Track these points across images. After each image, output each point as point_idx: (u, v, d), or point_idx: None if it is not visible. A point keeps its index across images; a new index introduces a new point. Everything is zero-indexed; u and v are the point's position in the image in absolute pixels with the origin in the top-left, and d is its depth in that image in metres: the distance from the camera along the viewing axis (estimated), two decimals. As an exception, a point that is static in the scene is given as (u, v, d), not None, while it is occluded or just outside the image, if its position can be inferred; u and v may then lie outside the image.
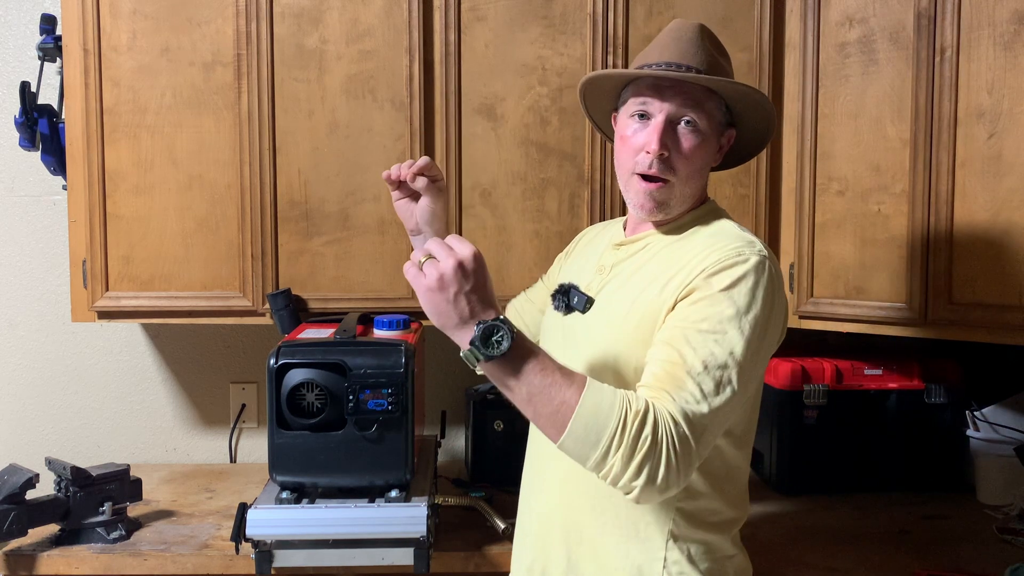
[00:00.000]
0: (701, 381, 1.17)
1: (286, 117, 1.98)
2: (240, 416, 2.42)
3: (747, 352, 1.20)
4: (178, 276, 2.00)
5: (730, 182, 2.01)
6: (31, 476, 1.73)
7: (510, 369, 1.12)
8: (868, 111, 1.86)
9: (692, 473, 1.16)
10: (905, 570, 1.70)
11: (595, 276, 1.42)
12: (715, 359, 1.18)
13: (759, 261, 1.25)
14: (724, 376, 1.18)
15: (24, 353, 2.41)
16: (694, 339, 1.19)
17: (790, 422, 2.12)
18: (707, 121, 1.33)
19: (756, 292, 1.23)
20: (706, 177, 1.39)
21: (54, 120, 2.03)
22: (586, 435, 1.11)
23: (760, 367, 1.27)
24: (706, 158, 1.35)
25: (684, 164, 1.32)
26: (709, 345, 1.19)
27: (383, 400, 1.63)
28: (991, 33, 1.67)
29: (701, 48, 1.34)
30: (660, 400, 1.15)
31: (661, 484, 1.11)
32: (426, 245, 1.14)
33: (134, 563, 1.75)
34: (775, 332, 1.29)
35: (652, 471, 1.10)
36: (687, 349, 1.19)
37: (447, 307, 1.11)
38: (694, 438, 1.13)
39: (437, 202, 1.51)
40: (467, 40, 1.99)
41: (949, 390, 2.12)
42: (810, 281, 1.97)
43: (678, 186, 1.33)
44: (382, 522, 1.66)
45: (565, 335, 1.41)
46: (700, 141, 1.32)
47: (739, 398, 1.20)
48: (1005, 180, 1.66)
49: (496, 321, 1.10)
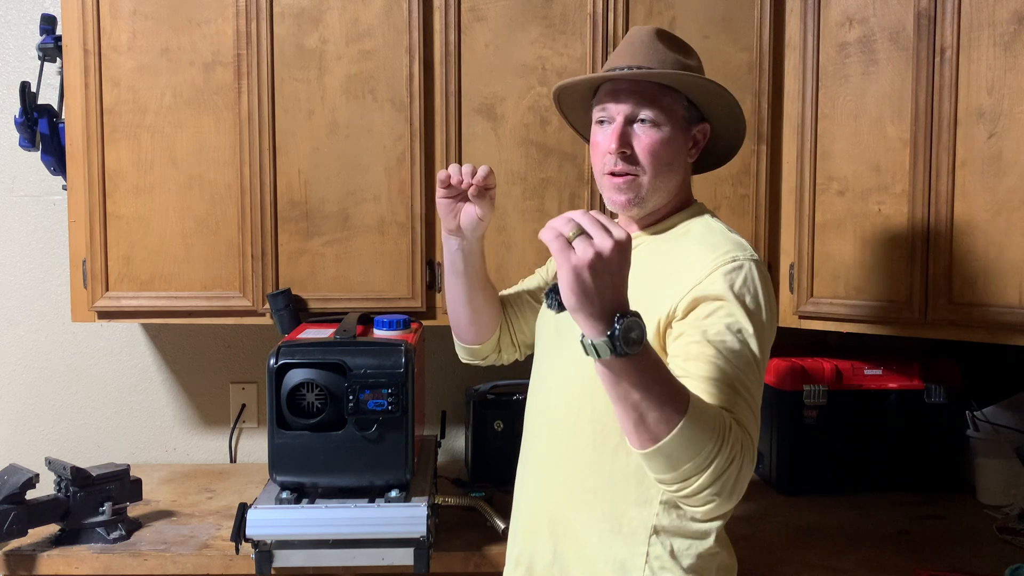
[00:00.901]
0: (746, 395, 1.20)
1: (286, 117, 1.98)
2: (240, 416, 2.42)
3: (763, 355, 1.25)
4: (178, 276, 2.00)
5: (730, 182, 2.01)
6: (31, 476, 1.73)
7: (634, 369, 1.04)
8: (868, 111, 1.86)
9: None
10: (905, 570, 1.70)
11: None
12: (747, 369, 1.22)
13: (754, 264, 1.30)
14: (755, 381, 1.23)
15: (24, 353, 2.41)
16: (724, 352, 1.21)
17: (790, 422, 2.12)
18: (666, 116, 1.36)
19: (758, 295, 1.27)
20: (681, 173, 1.40)
21: (54, 120, 2.03)
22: (687, 446, 1.08)
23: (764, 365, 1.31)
24: (673, 152, 1.37)
25: (647, 158, 1.35)
26: (740, 356, 1.22)
27: (383, 400, 1.63)
28: (991, 33, 1.67)
29: (654, 49, 1.37)
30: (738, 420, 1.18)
31: (735, 499, 1.15)
32: (574, 217, 1.03)
33: (134, 563, 1.75)
34: (773, 332, 1.33)
35: (731, 490, 1.12)
36: (724, 364, 1.20)
37: (594, 290, 1.01)
38: (753, 458, 1.17)
39: (487, 210, 1.50)
40: (467, 40, 1.99)
41: (949, 390, 2.12)
42: (810, 281, 1.97)
43: (645, 179, 1.36)
44: (382, 522, 1.66)
45: (558, 333, 1.43)
46: (661, 136, 1.35)
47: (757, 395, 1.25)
48: (1005, 180, 1.66)
49: (637, 317, 1.02)
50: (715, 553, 1.35)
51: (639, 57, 1.37)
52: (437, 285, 2.02)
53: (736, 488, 1.13)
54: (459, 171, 1.47)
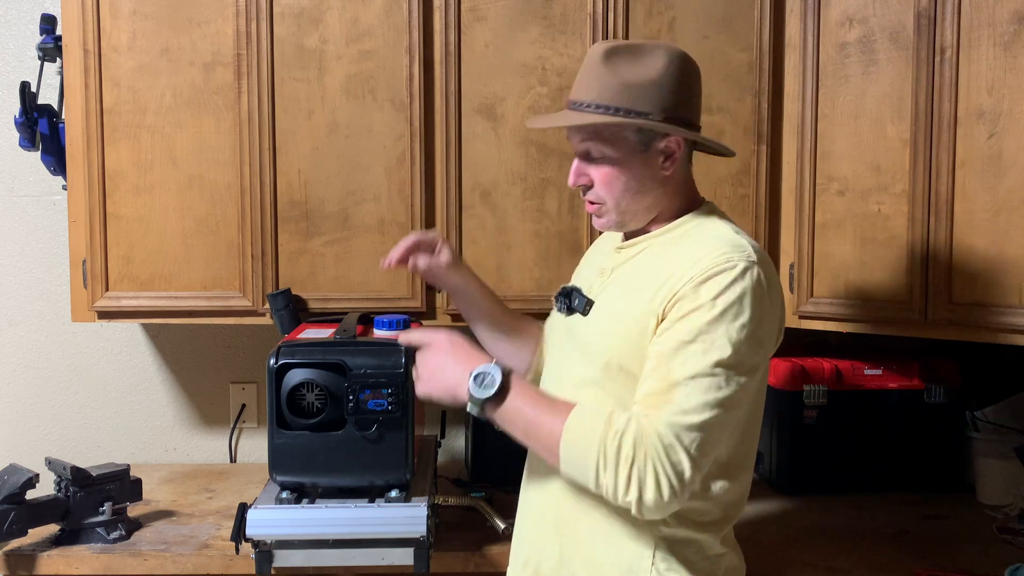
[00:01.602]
0: (689, 393, 1.20)
1: (286, 117, 1.98)
2: (240, 416, 2.42)
3: (736, 358, 1.22)
4: (178, 276, 2.00)
5: (730, 182, 2.01)
6: (31, 476, 1.73)
7: (504, 408, 1.26)
8: (868, 111, 1.86)
9: (694, 482, 1.20)
10: (905, 570, 1.70)
11: (597, 278, 1.44)
12: (702, 369, 1.20)
13: (746, 267, 1.25)
14: (713, 384, 1.20)
15: (24, 353, 2.41)
16: (682, 352, 1.22)
17: (790, 422, 2.12)
18: (612, 147, 1.33)
19: (744, 298, 1.23)
20: (659, 188, 1.36)
21: (54, 120, 2.03)
22: (575, 460, 1.21)
23: (755, 373, 1.27)
24: (631, 176, 1.34)
25: (603, 190, 1.36)
26: (696, 356, 1.21)
27: (383, 400, 1.63)
28: (991, 33, 1.67)
29: (597, 76, 1.32)
30: (649, 416, 1.19)
31: (655, 497, 1.17)
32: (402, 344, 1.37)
33: (134, 563, 1.75)
34: (769, 336, 1.29)
35: (640, 486, 1.17)
36: (675, 363, 1.22)
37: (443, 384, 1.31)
38: (684, 449, 1.18)
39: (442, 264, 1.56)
40: (467, 40, 1.99)
41: (949, 390, 2.12)
42: (810, 281, 1.97)
43: (611, 209, 1.37)
44: (382, 522, 1.66)
45: (566, 336, 1.43)
46: (611, 169, 1.34)
47: (735, 404, 1.22)
48: (1005, 180, 1.66)
49: (483, 368, 1.26)
50: (722, 554, 1.35)
51: (582, 89, 1.34)
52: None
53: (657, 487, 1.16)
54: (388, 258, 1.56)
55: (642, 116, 1.30)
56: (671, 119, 1.32)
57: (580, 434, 1.21)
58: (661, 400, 1.21)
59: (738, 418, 1.26)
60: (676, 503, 1.19)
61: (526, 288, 2.01)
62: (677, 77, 1.33)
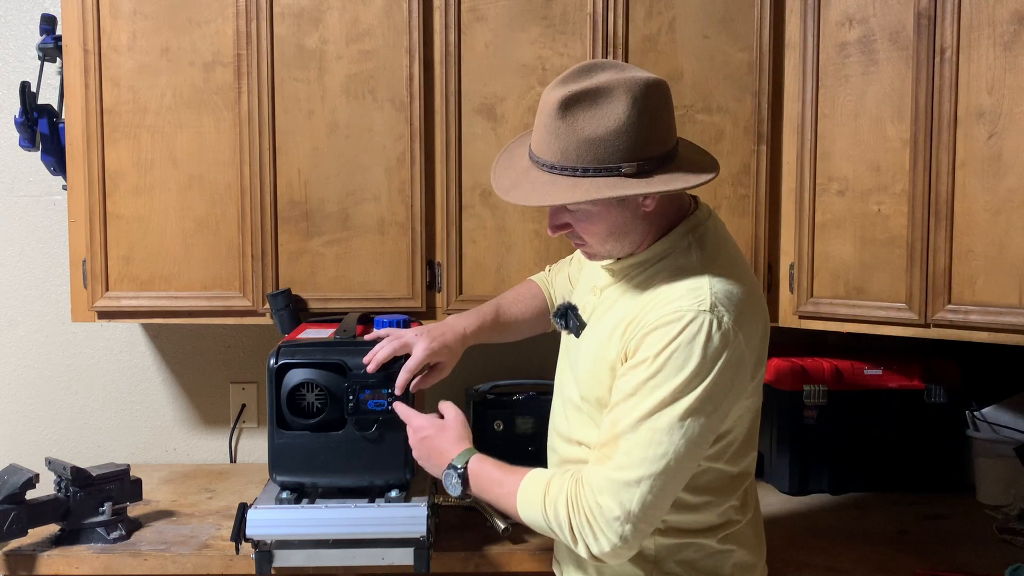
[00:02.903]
0: (628, 448, 1.22)
1: (286, 117, 1.98)
2: (240, 416, 2.42)
3: (680, 409, 1.21)
4: (178, 276, 2.00)
5: (730, 182, 2.01)
6: (31, 476, 1.73)
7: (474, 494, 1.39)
8: (868, 111, 1.86)
9: (642, 531, 1.23)
10: (905, 570, 1.70)
11: (589, 296, 1.46)
12: (640, 424, 1.22)
13: (693, 316, 1.22)
14: (652, 439, 1.21)
15: (24, 353, 2.41)
16: (624, 405, 1.24)
17: (790, 422, 2.12)
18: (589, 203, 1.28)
19: (687, 348, 1.21)
20: (642, 222, 1.32)
21: (54, 120, 2.03)
22: (538, 528, 1.31)
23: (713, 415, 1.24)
24: (613, 220, 1.30)
25: (588, 236, 1.34)
26: (635, 411, 1.23)
27: (383, 400, 1.63)
28: (991, 33, 1.67)
29: (556, 134, 1.25)
30: (590, 472, 1.25)
31: (603, 551, 1.22)
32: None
33: (134, 563, 1.75)
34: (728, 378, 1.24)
35: (585, 542, 1.23)
36: (619, 414, 1.25)
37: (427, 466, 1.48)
38: (620, 506, 1.20)
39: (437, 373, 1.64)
40: (467, 40, 1.99)
41: (949, 390, 2.12)
42: (810, 281, 1.96)
43: (597, 247, 1.36)
44: (382, 522, 1.66)
45: (566, 352, 1.50)
46: (590, 221, 1.31)
47: (684, 452, 1.22)
48: (1005, 180, 1.66)
49: (445, 473, 1.39)
50: (727, 551, 1.37)
51: (542, 146, 1.27)
52: (437, 285, 2.02)
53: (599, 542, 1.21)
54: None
55: (611, 173, 1.23)
56: (643, 164, 1.24)
57: (528, 507, 1.30)
58: (603, 454, 1.25)
59: (697, 458, 1.26)
60: (628, 550, 1.23)
61: (526, 288, 2.01)
62: (642, 118, 1.24)
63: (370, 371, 1.60)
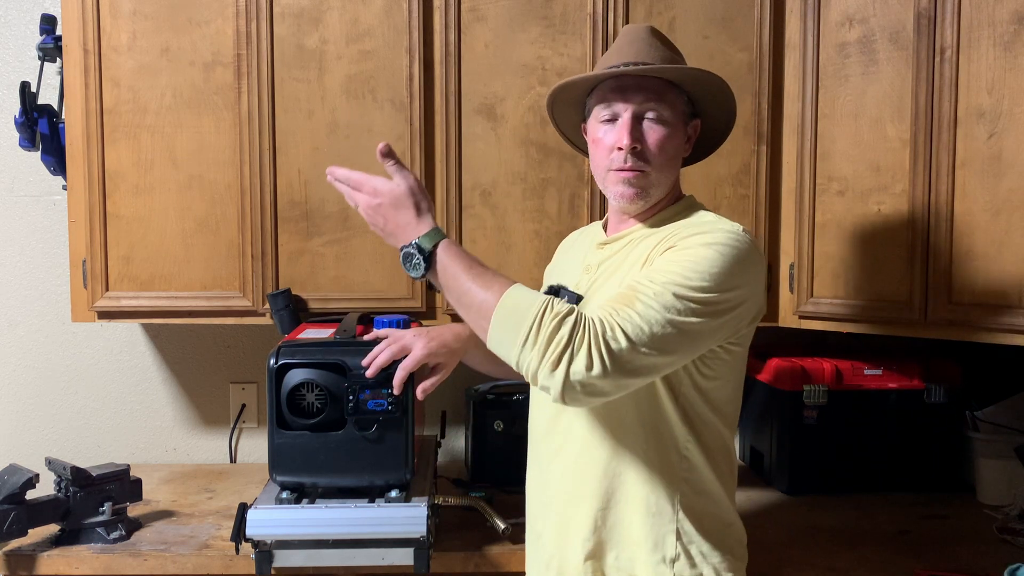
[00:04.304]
0: (649, 303, 1.21)
1: (286, 117, 1.98)
2: (240, 416, 2.42)
3: (705, 294, 1.23)
4: (178, 276, 2.00)
5: (730, 182, 2.01)
6: (31, 476, 1.73)
7: (439, 278, 1.29)
8: (868, 111, 1.86)
9: (621, 383, 1.20)
10: (905, 570, 1.70)
11: (582, 276, 1.46)
12: (671, 287, 1.22)
13: (740, 234, 1.31)
14: (673, 306, 1.21)
15: (24, 353, 2.41)
16: (654, 272, 1.25)
17: (790, 422, 2.12)
18: (671, 112, 1.39)
19: (729, 250, 1.28)
20: (678, 168, 1.45)
21: (54, 120, 2.03)
22: (504, 330, 1.21)
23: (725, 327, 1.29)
24: (676, 147, 1.41)
25: (655, 154, 1.38)
26: (665, 277, 1.24)
27: (383, 400, 1.63)
28: (991, 33, 1.67)
29: (652, 46, 1.40)
30: (600, 313, 1.21)
31: (576, 384, 1.17)
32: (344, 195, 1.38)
33: (134, 563, 1.75)
34: (750, 301, 1.32)
35: (566, 370, 1.17)
36: (643, 278, 1.25)
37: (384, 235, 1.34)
38: (625, 347, 1.18)
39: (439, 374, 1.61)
40: (467, 40, 1.99)
41: (949, 390, 2.12)
42: (810, 281, 1.96)
43: (654, 174, 1.39)
44: (382, 522, 1.66)
45: None
46: (667, 131, 1.39)
47: (690, 335, 1.23)
48: (1005, 180, 1.66)
49: (408, 249, 1.29)
50: (731, 524, 1.40)
51: (641, 54, 1.39)
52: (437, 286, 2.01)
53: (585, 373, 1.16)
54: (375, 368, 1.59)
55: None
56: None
57: (516, 307, 1.21)
58: (618, 304, 1.22)
59: (690, 352, 1.27)
60: (602, 381, 1.18)
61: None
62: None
63: (370, 375, 1.59)
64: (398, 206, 1.31)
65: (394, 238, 1.32)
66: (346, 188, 1.36)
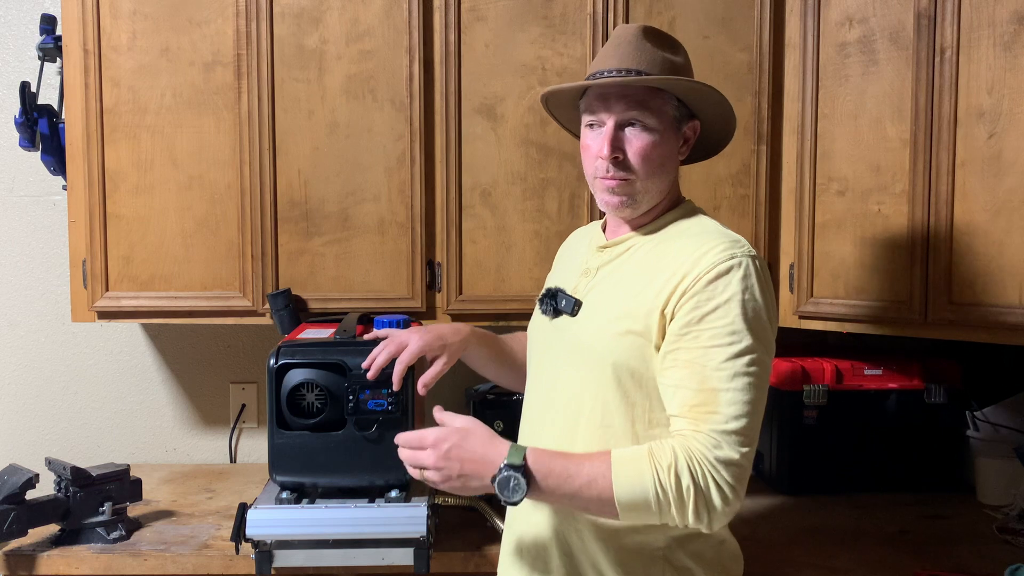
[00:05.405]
0: (731, 399, 1.22)
1: (286, 117, 1.98)
2: (240, 416, 2.42)
3: (760, 345, 1.25)
4: (178, 276, 2.00)
5: (730, 182, 2.01)
6: (31, 476, 1.73)
7: (542, 496, 1.21)
8: (868, 111, 1.86)
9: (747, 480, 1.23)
10: (905, 570, 1.70)
11: (580, 279, 1.44)
12: (738, 370, 1.23)
13: (750, 260, 1.29)
14: (749, 382, 1.23)
15: (24, 353, 2.41)
16: (714, 356, 1.24)
17: (790, 422, 2.12)
18: (657, 119, 1.35)
19: (753, 288, 1.27)
20: (673, 173, 1.41)
21: (54, 120, 2.03)
22: (636, 511, 1.20)
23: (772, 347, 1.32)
24: (663, 154, 1.37)
25: (639, 162, 1.35)
26: (730, 359, 1.23)
27: (383, 400, 1.63)
28: (991, 33, 1.67)
29: (640, 49, 1.35)
30: (696, 433, 1.21)
31: (723, 509, 1.20)
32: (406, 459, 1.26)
33: (134, 563, 1.75)
34: (775, 324, 1.33)
35: (709, 507, 1.19)
36: (709, 368, 1.23)
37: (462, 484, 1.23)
38: (738, 454, 1.20)
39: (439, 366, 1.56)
40: (467, 40, 1.99)
41: (949, 390, 2.12)
42: (810, 281, 1.97)
43: (639, 182, 1.36)
44: (382, 522, 1.66)
45: (555, 338, 1.43)
46: (652, 139, 1.35)
47: (766, 383, 1.27)
48: (1005, 180, 1.66)
49: (502, 475, 1.19)
50: (723, 540, 1.38)
51: (627, 59, 1.35)
52: (437, 285, 2.02)
53: (723, 499, 1.19)
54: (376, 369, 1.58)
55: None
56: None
57: (633, 485, 1.19)
58: (705, 412, 1.22)
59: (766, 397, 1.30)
60: (739, 503, 1.22)
61: (526, 288, 2.01)
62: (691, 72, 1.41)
63: (370, 377, 1.59)
64: (467, 437, 1.23)
65: (478, 476, 1.21)
66: (409, 454, 1.25)
